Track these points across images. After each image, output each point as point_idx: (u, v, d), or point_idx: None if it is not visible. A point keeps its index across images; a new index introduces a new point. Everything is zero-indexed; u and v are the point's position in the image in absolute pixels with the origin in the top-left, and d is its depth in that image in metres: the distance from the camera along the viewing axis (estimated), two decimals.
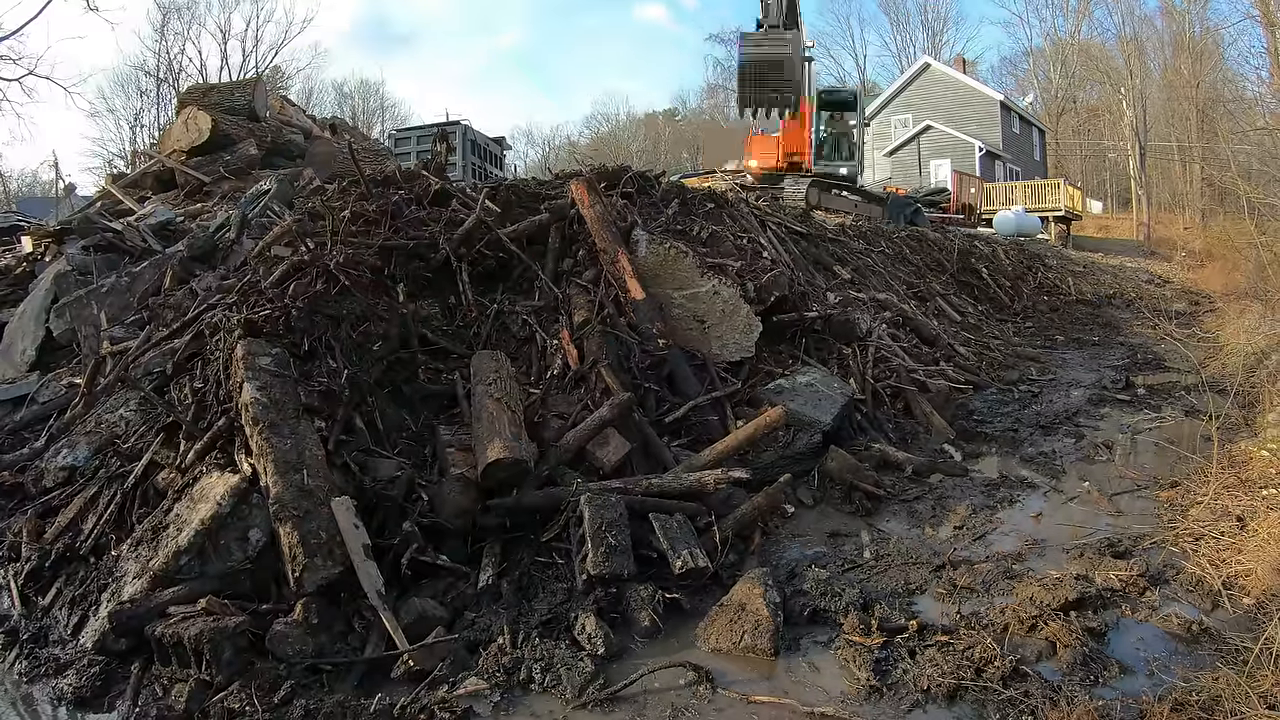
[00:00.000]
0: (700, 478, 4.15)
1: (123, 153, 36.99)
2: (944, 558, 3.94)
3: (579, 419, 4.50)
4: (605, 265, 5.75)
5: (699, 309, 5.61)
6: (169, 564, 3.30)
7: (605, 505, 3.65)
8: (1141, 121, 31.25)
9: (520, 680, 3.02)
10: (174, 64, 39.47)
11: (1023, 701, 2.74)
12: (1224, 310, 12.24)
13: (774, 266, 6.77)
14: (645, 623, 3.34)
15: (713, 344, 5.65)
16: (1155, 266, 21.25)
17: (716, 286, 5.61)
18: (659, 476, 4.23)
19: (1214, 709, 2.58)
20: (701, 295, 5.60)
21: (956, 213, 22.84)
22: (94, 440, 4.48)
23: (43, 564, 3.75)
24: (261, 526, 3.44)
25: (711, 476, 4.15)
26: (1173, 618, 3.26)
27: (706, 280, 5.60)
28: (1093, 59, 37.55)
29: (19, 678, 3.20)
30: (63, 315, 6.16)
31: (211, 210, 8.17)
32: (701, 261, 5.65)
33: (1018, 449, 6.04)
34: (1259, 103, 14.65)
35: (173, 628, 3.03)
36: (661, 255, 5.60)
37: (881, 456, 5.45)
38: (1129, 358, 9.97)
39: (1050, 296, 14.88)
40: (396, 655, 3.09)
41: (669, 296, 5.62)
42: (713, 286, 5.61)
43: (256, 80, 13.23)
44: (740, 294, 5.70)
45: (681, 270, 5.60)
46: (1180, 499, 4.57)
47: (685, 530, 3.83)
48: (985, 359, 9.15)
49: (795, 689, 2.95)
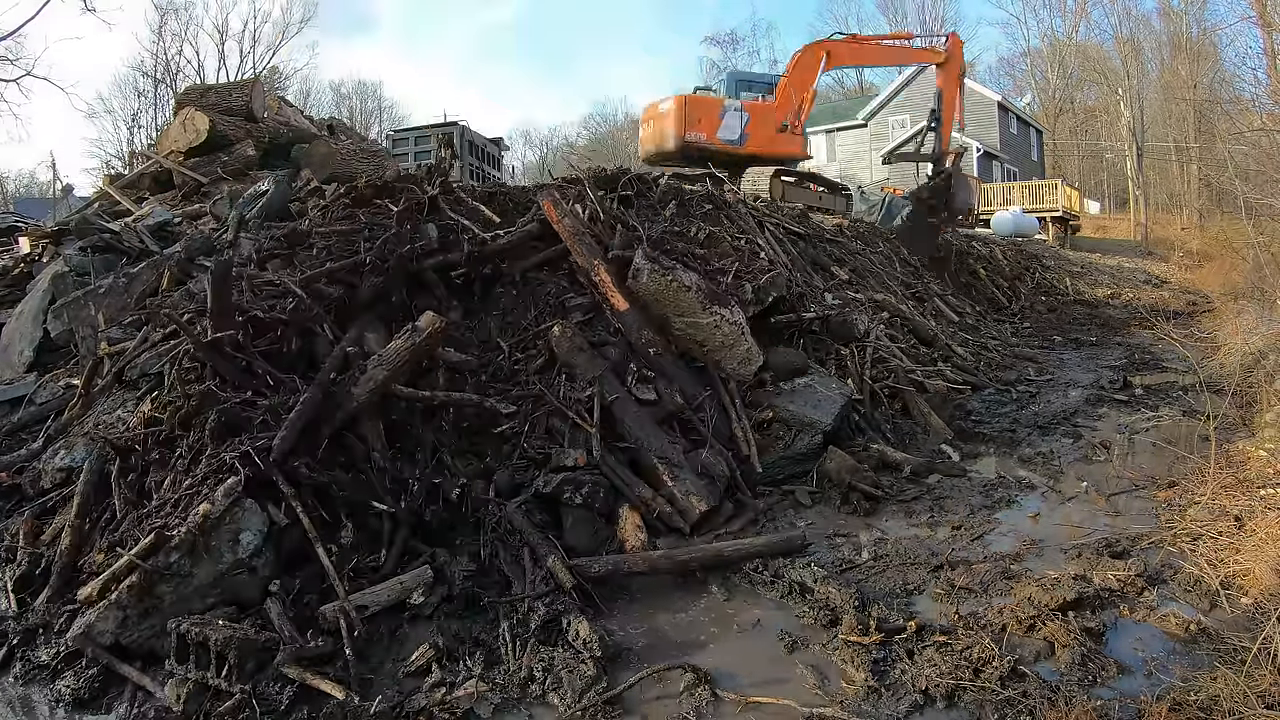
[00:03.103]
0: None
1: (120, 153, 36.99)
2: (942, 558, 3.95)
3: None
4: (584, 280, 5.75)
5: (699, 335, 5.55)
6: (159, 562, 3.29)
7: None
8: (1139, 122, 31.35)
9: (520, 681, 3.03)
10: (171, 65, 39.48)
11: (1021, 702, 2.74)
12: (1221, 310, 12.25)
13: (772, 267, 6.78)
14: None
15: (710, 368, 5.64)
16: (1153, 267, 21.31)
17: (719, 321, 5.56)
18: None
19: (1212, 709, 2.58)
20: (703, 325, 5.55)
21: None
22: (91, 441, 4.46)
23: (38, 565, 3.74)
24: (253, 530, 3.44)
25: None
26: (1171, 618, 3.27)
27: (709, 315, 5.53)
28: (1090, 60, 37.70)
29: (15, 680, 3.19)
30: (60, 316, 6.14)
31: (209, 211, 8.15)
32: (705, 296, 5.56)
33: (1015, 449, 6.05)
34: (1256, 103, 14.65)
35: (199, 627, 3.02)
36: (663, 285, 5.54)
37: (880, 457, 5.46)
38: (1127, 358, 9.98)
39: (1048, 297, 14.92)
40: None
41: (669, 319, 5.58)
42: (715, 320, 5.55)
43: (254, 81, 13.19)
44: (741, 331, 5.63)
45: (684, 300, 5.56)
46: (1178, 499, 4.58)
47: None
48: (983, 359, 9.17)
49: (794, 690, 2.95)
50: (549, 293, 5.86)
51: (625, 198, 7.24)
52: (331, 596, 3.35)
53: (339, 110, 46.32)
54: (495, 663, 3.13)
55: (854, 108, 37.06)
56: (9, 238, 9.12)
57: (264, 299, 4.72)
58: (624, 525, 4.20)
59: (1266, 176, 12.45)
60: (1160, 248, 25.66)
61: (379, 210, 6.03)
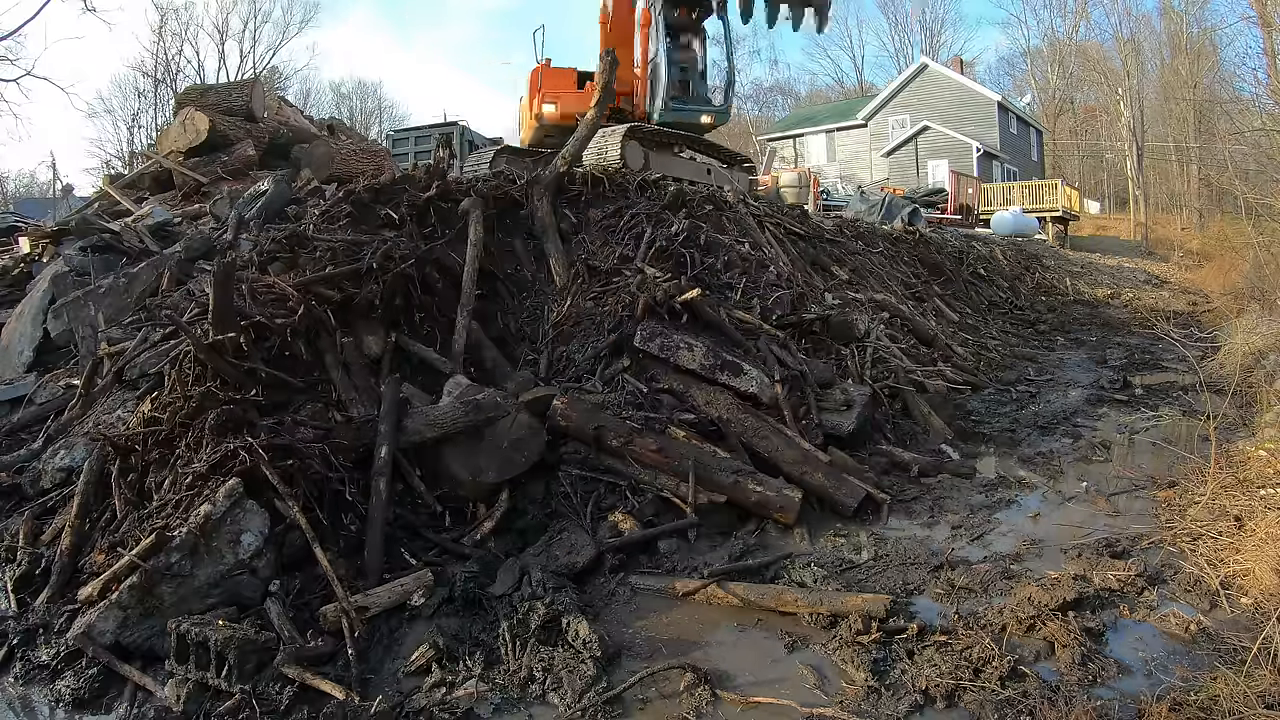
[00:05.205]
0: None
1: (120, 153, 37.02)
2: (942, 558, 3.94)
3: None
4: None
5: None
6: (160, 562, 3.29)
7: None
8: (1139, 122, 31.35)
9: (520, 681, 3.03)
10: (171, 65, 39.49)
11: (1021, 702, 2.74)
12: (1221, 310, 12.26)
13: (778, 280, 6.80)
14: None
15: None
16: (1153, 266, 21.32)
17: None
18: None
19: (1212, 709, 2.58)
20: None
21: (954, 213, 22.87)
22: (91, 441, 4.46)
23: (38, 565, 3.74)
24: (254, 531, 3.44)
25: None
26: (1171, 618, 3.26)
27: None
28: (1090, 59, 37.72)
29: (15, 680, 3.19)
30: (60, 316, 6.14)
31: (209, 211, 8.16)
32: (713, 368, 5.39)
33: (1016, 449, 6.05)
34: (1256, 103, 14.65)
35: (199, 628, 3.02)
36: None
37: (889, 458, 5.48)
38: (1127, 357, 9.99)
39: (1048, 296, 14.92)
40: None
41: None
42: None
43: (254, 81, 13.18)
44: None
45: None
46: (1178, 499, 4.58)
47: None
48: (983, 359, 9.18)
49: (794, 690, 2.95)
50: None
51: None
52: (333, 597, 3.35)
53: (339, 110, 46.41)
54: (495, 663, 3.13)
55: (854, 108, 37.10)
56: (9, 238, 9.14)
57: (265, 304, 4.72)
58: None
59: (1266, 176, 12.46)
60: (1160, 248, 25.68)
61: (383, 223, 6.03)
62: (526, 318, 6.19)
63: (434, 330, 5.60)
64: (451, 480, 4.23)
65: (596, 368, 5.58)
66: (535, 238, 6.72)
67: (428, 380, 5.13)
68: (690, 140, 11.12)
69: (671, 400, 5.20)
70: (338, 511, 3.81)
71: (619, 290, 5.96)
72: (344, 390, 4.71)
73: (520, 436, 4.39)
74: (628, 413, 4.89)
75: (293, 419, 4.03)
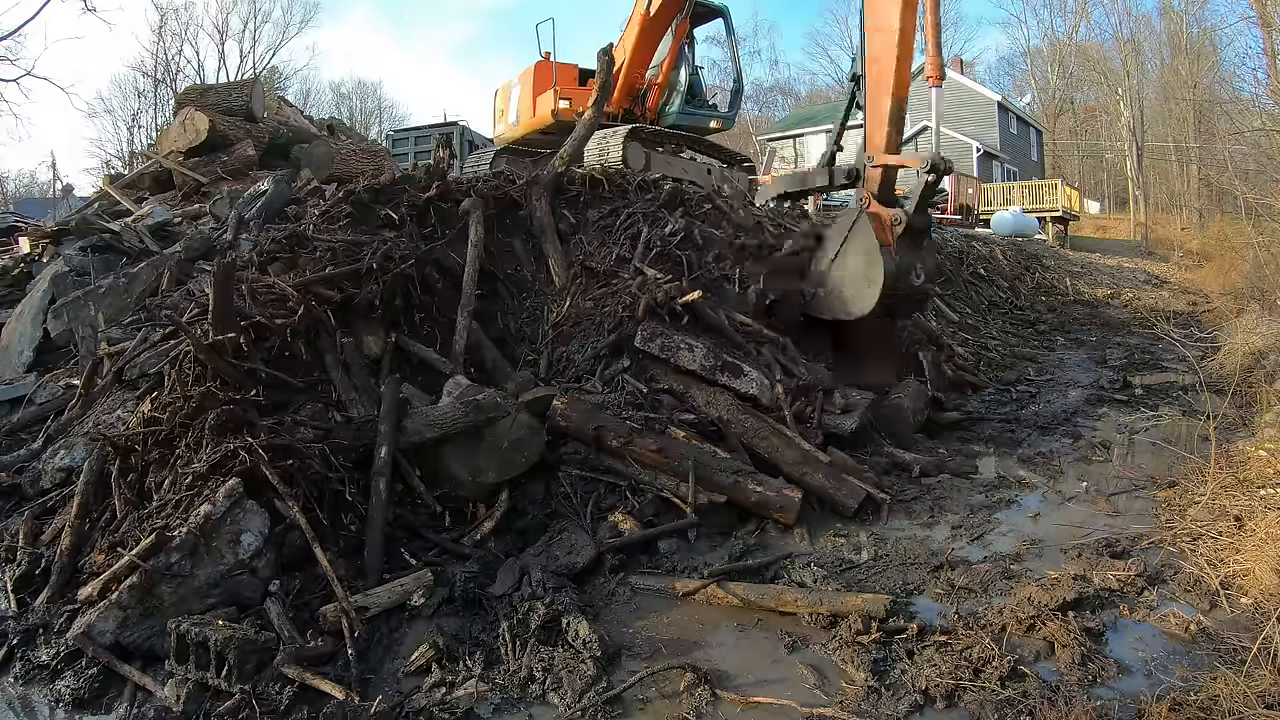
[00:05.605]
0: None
1: (120, 153, 36.99)
2: (942, 558, 3.94)
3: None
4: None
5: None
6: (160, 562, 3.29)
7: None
8: (1139, 122, 31.35)
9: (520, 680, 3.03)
10: (171, 65, 39.47)
11: (1021, 701, 2.74)
12: (1221, 310, 12.26)
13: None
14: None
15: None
16: (1153, 266, 21.30)
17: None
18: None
19: (1212, 709, 2.58)
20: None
21: (954, 213, 22.85)
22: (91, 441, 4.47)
23: (38, 565, 3.74)
24: (254, 531, 3.44)
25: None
26: (1171, 618, 3.27)
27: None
28: (1090, 59, 37.69)
29: (15, 680, 3.19)
30: (60, 316, 6.14)
31: (209, 211, 8.16)
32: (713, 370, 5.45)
33: (1015, 449, 6.05)
34: (1256, 103, 14.66)
35: (199, 628, 3.02)
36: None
37: (890, 458, 5.47)
38: (1127, 357, 9.99)
39: (1048, 296, 14.91)
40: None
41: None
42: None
43: (254, 81, 13.19)
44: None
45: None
46: (1178, 499, 4.58)
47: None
48: (983, 359, 9.17)
49: (794, 690, 2.95)
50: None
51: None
52: (333, 597, 3.35)
53: (339, 110, 46.37)
54: (495, 663, 3.13)
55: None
56: (9, 238, 9.13)
57: (265, 304, 4.72)
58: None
59: (1266, 176, 12.47)
60: (1160, 248, 25.65)
61: (383, 223, 6.03)
62: (526, 318, 6.19)
63: (434, 330, 5.61)
64: (451, 480, 4.24)
65: (596, 368, 5.59)
66: (535, 238, 6.72)
67: (428, 380, 5.14)
68: (691, 141, 11.19)
69: (671, 400, 5.21)
70: (338, 511, 3.81)
71: (618, 291, 5.96)
72: (344, 390, 4.72)
73: (520, 437, 4.39)
74: (628, 413, 4.89)
75: (293, 419, 4.04)
